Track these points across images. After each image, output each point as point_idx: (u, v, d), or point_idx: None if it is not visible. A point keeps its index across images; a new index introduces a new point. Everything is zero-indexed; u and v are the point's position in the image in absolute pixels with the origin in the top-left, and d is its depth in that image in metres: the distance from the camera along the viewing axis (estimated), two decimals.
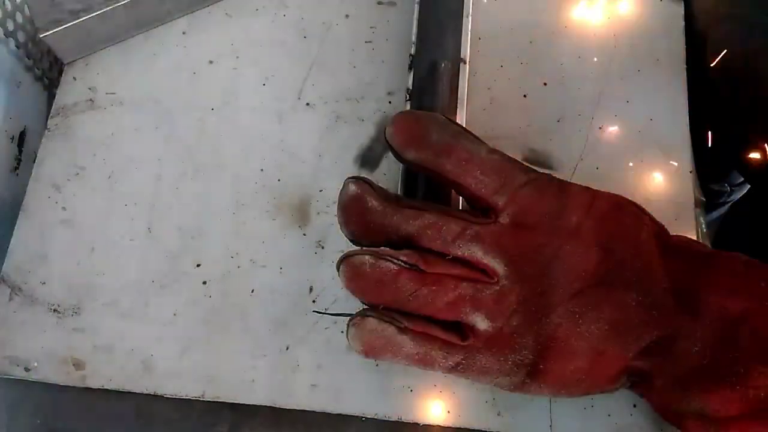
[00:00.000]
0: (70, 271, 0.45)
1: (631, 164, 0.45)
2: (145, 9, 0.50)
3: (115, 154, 0.48)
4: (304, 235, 0.45)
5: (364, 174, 0.46)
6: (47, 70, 0.55)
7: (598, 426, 0.39)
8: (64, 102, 0.50)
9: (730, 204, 0.70)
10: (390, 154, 0.46)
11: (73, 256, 0.45)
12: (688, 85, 0.46)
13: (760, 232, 0.56)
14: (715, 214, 0.72)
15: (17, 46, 0.51)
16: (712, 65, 0.47)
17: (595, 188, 0.37)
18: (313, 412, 0.41)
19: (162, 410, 0.42)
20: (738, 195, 0.69)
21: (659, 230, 0.36)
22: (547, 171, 0.45)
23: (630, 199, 0.37)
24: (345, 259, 0.34)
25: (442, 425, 0.40)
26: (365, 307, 0.36)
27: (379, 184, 0.35)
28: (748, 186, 0.66)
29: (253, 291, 0.43)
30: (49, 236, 0.46)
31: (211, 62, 0.50)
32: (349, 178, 0.35)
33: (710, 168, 0.46)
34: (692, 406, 0.33)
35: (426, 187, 0.41)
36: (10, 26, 0.50)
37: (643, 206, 0.37)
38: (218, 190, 0.46)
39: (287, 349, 0.42)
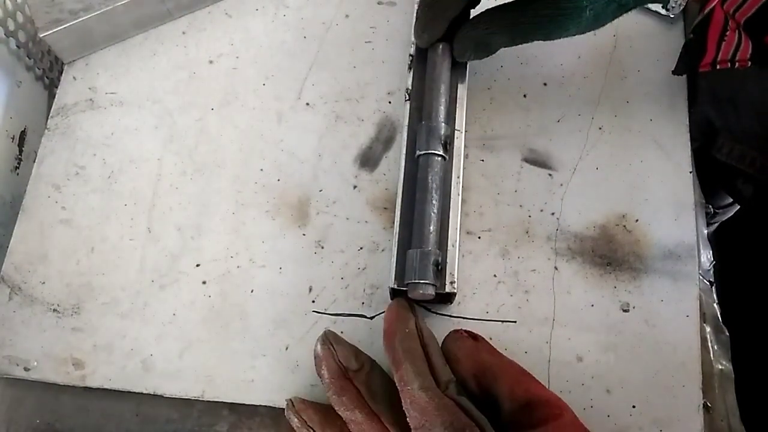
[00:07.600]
0: (70, 271, 0.45)
1: (631, 164, 0.45)
2: (145, 9, 0.50)
3: (115, 154, 0.48)
4: (304, 235, 0.45)
5: (364, 173, 0.46)
6: (48, 70, 0.55)
7: (598, 426, 0.39)
8: (64, 102, 0.50)
9: (717, 225, 0.70)
10: (389, 154, 0.46)
11: (72, 255, 0.45)
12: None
13: (751, 252, 0.55)
14: None
15: (18, 46, 0.51)
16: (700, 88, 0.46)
17: None
18: None
19: (162, 410, 0.42)
20: (723, 217, 0.68)
21: None
22: (547, 171, 0.45)
23: None
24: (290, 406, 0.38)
25: None
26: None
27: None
28: (735, 209, 0.65)
29: (252, 291, 0.43)
30: (49, 236, 0.46)
31: (211, 62, 0.50)
32: (324, 332, 0.38)
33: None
34: None
35: (422, 190, 0.41)
36: (11, 26, 0.50)
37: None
38: (218, 190, 0.46)
39: (287, 349, 0.42)
